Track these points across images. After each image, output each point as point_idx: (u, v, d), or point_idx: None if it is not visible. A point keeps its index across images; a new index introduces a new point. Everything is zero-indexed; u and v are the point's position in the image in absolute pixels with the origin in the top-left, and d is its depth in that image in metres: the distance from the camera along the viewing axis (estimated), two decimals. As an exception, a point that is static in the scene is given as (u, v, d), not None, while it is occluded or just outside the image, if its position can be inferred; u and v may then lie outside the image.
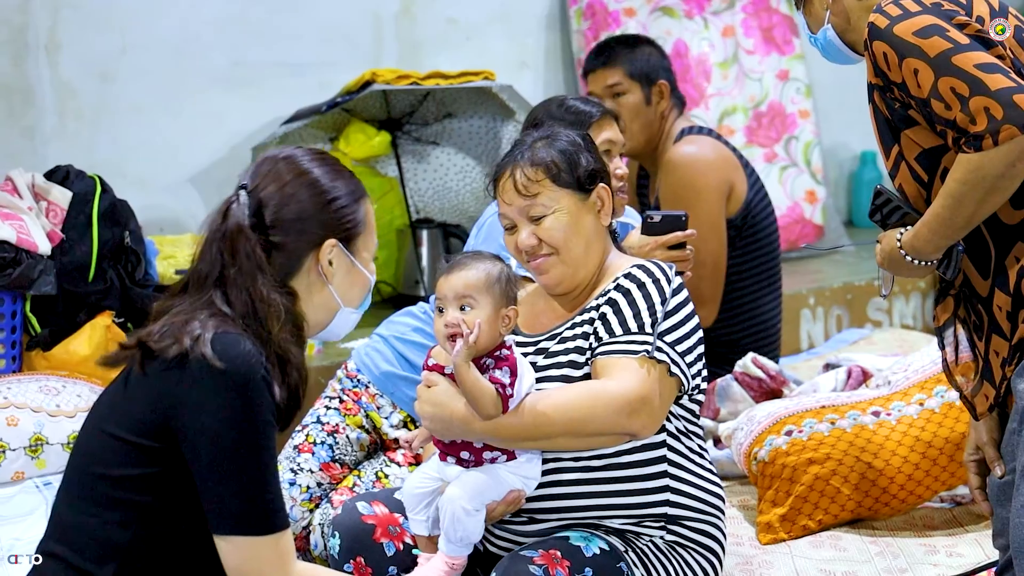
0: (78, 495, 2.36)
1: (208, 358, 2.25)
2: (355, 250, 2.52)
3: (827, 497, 3.41)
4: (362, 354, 3.70)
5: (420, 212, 5.45)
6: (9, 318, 4.07)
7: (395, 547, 2.95)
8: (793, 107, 5.88)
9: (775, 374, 3.90)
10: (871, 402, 3.53)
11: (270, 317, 2.35)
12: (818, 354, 4.86)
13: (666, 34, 5.71)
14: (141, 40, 5.09)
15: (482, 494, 2.80)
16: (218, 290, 2.36)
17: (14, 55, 4.90)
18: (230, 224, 2.39)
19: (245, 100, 5.25)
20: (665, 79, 4.34)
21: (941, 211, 2.63)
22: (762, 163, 5.75)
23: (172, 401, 2.27)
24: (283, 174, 2.46)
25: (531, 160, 2.95)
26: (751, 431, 3.52)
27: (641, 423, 2.79)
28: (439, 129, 5.39)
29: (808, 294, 5.40)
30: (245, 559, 2.30)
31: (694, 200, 4.09)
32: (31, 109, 4.95)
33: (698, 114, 5.70)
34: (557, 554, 2.76)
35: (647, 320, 2.84)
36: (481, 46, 5.66)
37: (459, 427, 2.79)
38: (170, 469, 2.29)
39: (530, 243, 2.93)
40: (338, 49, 5.40)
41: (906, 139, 2.72)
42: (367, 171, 5.26)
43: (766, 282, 4.35)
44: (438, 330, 2.80)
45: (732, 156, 4.28)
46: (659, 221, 3.36)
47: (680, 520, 2.90)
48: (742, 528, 3.47)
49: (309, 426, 3.60)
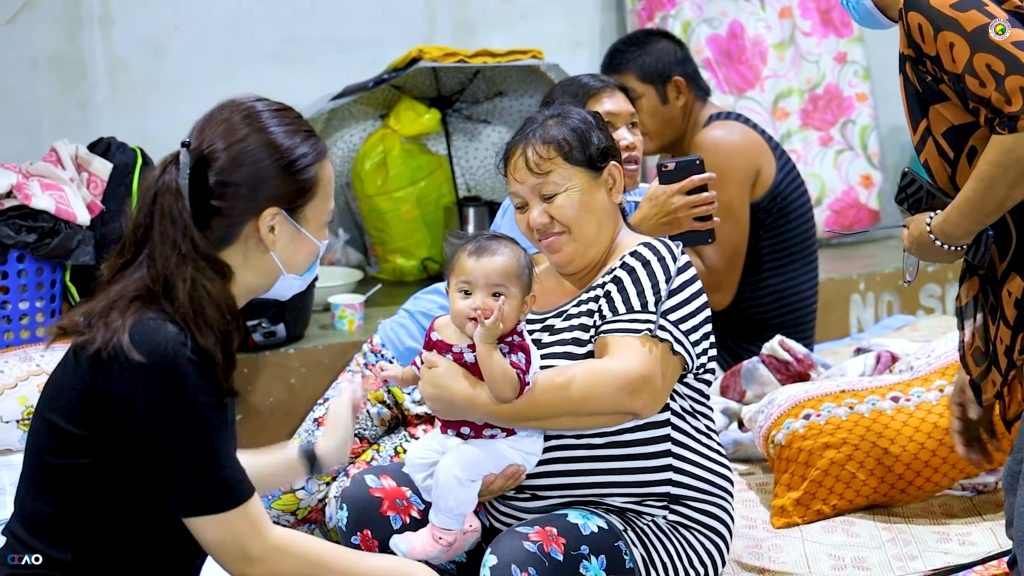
0: (30, 479, 2.34)
1: (127, 352, 2.19)
2: (302, 217, 2.40)
3: (842, 482, 3.38)
4: (387, 329, 3.72)
5: (471, 190, 5.45)
6: (49, 287, 4.14)
7: (401, 520, 2.96)
8: (850, 90, 5.81)
9: (802, 357, 3.87)
10: (891, 387, 3.49)
11: (180, 289, 2.26)
12: (861, 339, 4.81)
13: (721, 15, 5.66)
14: (194, 15, 5.14)
15: (476, 465, 2.80)
16: (145, 258, 2.29)
17: (68, 28, 4.97)
18: (160, 185, 2.29)
19: (295, 76, 5.27)
20: (680, 74, 4.27)
21: (972, 194, 2.59)
22: (817, 146, 5.69)
23: (101, 397, 2.22)
24: (235, 131, 2.34)
25: (543, 138, 2.93)
26: (770, 414, 3.50)
27: (642, 402, 2.78)
28: (490, 107, 5.39)
29: (858, 279, 5.34)
30: (220, 536, 2.28)
31: (719, 184, 4.06)
32: (83, 82, 5.01)
33: (753, 96, 5.65)
34: (553, 531, 2.75)
35: (651, 298, 2.82)
36: (535, 25, 5.64)
37: (461, 407, 2.79)
38: (102, 459, 2.26)
39: (542, 221, 2.92)
40: (390, 26, 5.41)
41: (935, 113, 2.67)
42: (416, 148, 5.27)
43: (800, 263, 4.32)
44: (460, 311, 2.77)
45: (760, 140, 4.25)
46: (674, 168, 3.34)
47: (683, 500, 2.89)
48: (756, 511, 3.44)
49: (330, 399, 3.62)
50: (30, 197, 4.07)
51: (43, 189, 4.10)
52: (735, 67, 5.68)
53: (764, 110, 5.67)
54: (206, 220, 2.32)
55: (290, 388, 4.49)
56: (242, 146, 2.33)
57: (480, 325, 2.71)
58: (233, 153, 2.33)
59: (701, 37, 5.65)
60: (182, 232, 2.27)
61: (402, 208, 5.19)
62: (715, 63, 5.65)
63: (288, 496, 3.51)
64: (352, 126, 5.32)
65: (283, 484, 2.96)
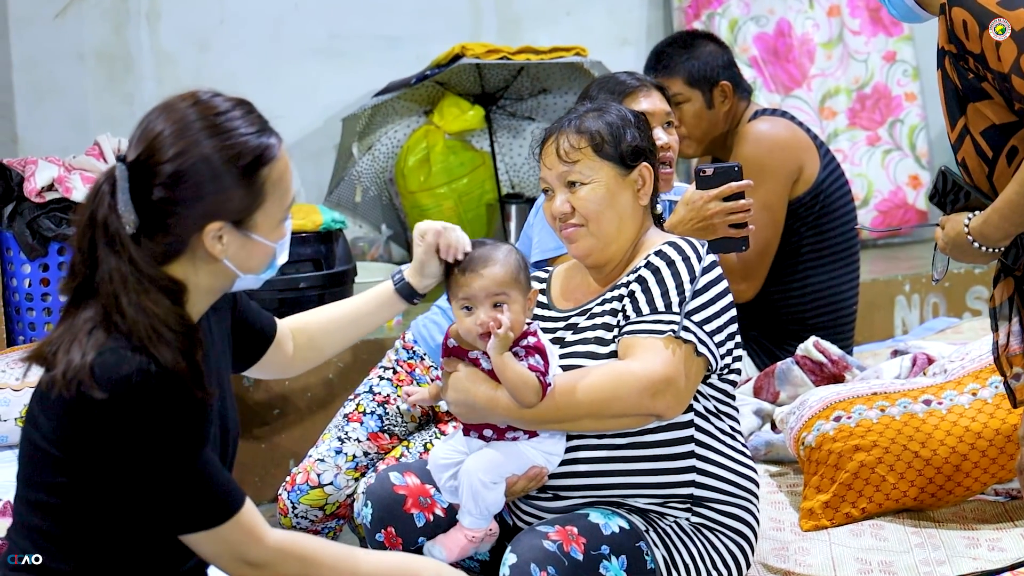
0: (22, 493, 2.30)
1: (91, 391, 2.12)
2: (252, 225, 2.26)
3: (872, 485, 3.35)
4: (420, 325, 3.72)
5: (514, 187, 5.46)
6: (88, 279, 4.17)
7: (425, 518, 2.96)
8: (899, 89, 5.77)
9: (837, 359, 3.84)
10: (923, 390, 3.45)
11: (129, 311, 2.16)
12: (902, 341, 4.76)
13: (769, 13, 5.64)
14: (240, 10, 5.18)
15: (499, 467, 2.80)
16: (96, 281, 2.19)
17: (116, 23, 5.01)
18: (96, 205, 2.18)
19: (341, 72, 5.30)
20: (727, 78, 4.22)
21: (1015, 197, 2.55)
22: (864, 146, 5.66)
23: (72, 432, 2.17)
24: (168, 146, 2.19)
25: (577, 128, 2.93)
26: (801, 415, 3.47)
27: (665, 404, 2.76)
28: (534, 104, 5.39)
29: (904, 280, 5.30)
30: (217, 549, 2.26)
31: (757, 178, 4.02)
32: (130, 76, 5.06)
33: (800, 95, 5.62)
34: (574, 530, 2.75)
35: (674, 299, 2.80)
36: (581, 21, 5.64)
37: (483, 410, 2.80)
38: (80, 480, 2.21)
39: (563, 210, 2.91)
40: (436, 22, 5.43)
41: (974, 111, 2.63)
42: (459, 145, 5.28)
43: (842, 262, 4.29)
44: (468, 329, 2.77)
45: (805, 137, 4.21)
46: (712, 174, 3.33)
47: (707, 502, 2.87)
48: (785, 513, 3.42)
49: (361, 395, 3.63)
50: (71, 190, 4.11)
51: (84, 182, 4.14)
52: (782, 65, 5.65)
53: (811, 109, 5.64)
54: (150, 234, 2.21)
55: (328, 383, 4.51)
56: (179, 163, 2.19)
57: (493, 336, 2.71)
58: (170, 170, 2.19)
59: (748, 35, 5.63)
60: (118, 254, 2.18)
61: (444, 204, 5.20)
62: (762, 61, 5.62)
63: (317, 491, 3.52)
64: (396, 122, 5.34)
65: (383, 321, 2.93)
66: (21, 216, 4.14)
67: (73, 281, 2.23)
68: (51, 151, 4.43)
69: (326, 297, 4.51)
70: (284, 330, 2.76)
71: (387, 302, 2.84)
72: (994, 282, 2.82)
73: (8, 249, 4.16)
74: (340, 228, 4.65)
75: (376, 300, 2.85)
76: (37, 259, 4.16)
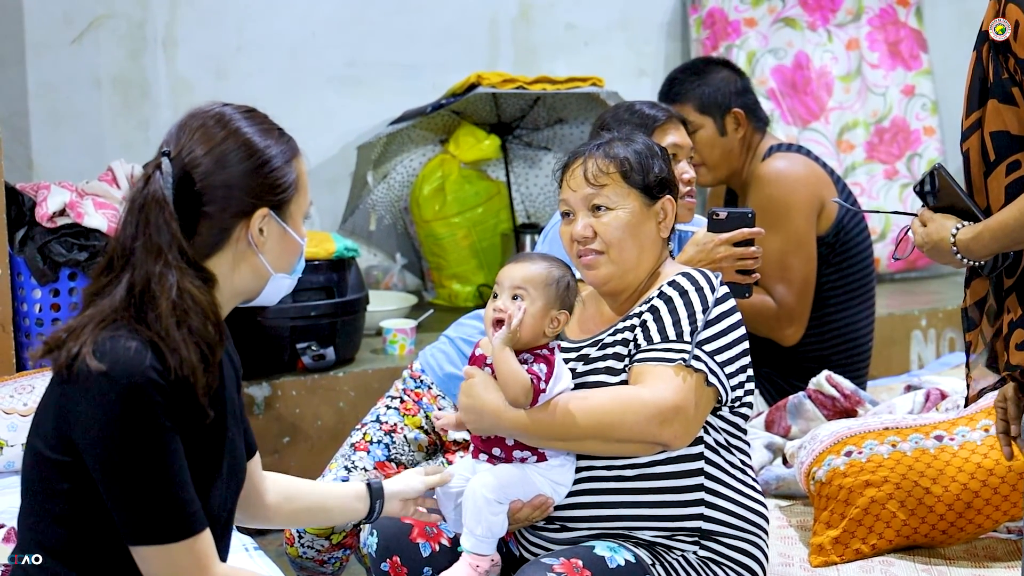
0: (26, 508, 2.30)
1: (87, 362, 2.13)
2: (287, 215, 2.36)
3: (882, 521, 3.31)
4: (428, 355, 3.70)
5: (530, 217, 5.44)
6: (99, 305, 4.16)
7: (431, 548, 2.95)
8: (918, 123, 5.75)
9: (849, 393, 3.81)
10: (935, 426, 3.42)
11: (163, 299, 2.19)
12: (916, 376, 4.73)
13: (788, 45, 5.62)
14: (257, 38, 5.18)
15: (505, 488, 2.79)
16: (128, 270, 2.23)
17: (132, 49, 5.02)
18: (147, 195, 2.23)
19: (358, 99, 5.30)
20: (739, 105, 4.17)
21: (1012, 222, 2.51)
22: (882, 179, 5.63)
23: (66, 416, 2.18)
24: (212, 135, 2.28)
25: (606, 153, 2.93)
26: (812, 450, 3.44)
27: (673, 433, 2.74)
28: (550, 135, 5.37)
29: (920, 315, 5.27)
30: (161, 568, 2.19)
31: (784, 216, 4.00)
32: (146, 102, 5.07)
33: (818, 128, 5.60)
34: (579, 563, 2.72)
35: (686, 328, 2.79)
36: (599, 52, 5.63)
37: (490, 419, 2.79)
38: (81, 484, 2.19)
39: (585, 233, 2.90)
40: (453, 51, 5.42)
41: (993, 109, 2.56)
42: (475, 174, 5.27)
43: (859, 299, 4.25)
44: (487, 314, 2.82)
45: (823, 173, 4.16)
46: (725, 218, 3.32)
47: (715, 536, 2.84)
48: (795, 549, 3.38)
49: (368, 424, 3.62)
50: (83, 216, 4.11)
51: (96, 208, 4.14)
52: (800, 98, 5.64)
53: (829, 142, 5.61)
54: (192, 228, 2.28)
55: (338, 412, 4.50)
56: (222, 148, 2.28)
57: (505, 327, 2.73)
58: (215, 156, 2.27)
59: (766, 67, 5.61)
60: (168, 242, 2.22)
61: (459, 234, 5.19)
62: (779, 94, 5.60)
63: (323, 520, 3.49)
64: (412, 151, 5.33)
65: (345, 519, 2.84)
66: (32, 241, 4.13)
67: (106, 276, 2.26)
68: (66, 177, 4.43)
69: (338, 325, 4.50)
70: (259, 466, 2.68)
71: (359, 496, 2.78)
72: (965, 283, 2.80)
73: (19, 274, 4.16)
74: (353, 256, 4.64)
75: (345, 494, 2.80)
76: (48, 284, 4.15)
